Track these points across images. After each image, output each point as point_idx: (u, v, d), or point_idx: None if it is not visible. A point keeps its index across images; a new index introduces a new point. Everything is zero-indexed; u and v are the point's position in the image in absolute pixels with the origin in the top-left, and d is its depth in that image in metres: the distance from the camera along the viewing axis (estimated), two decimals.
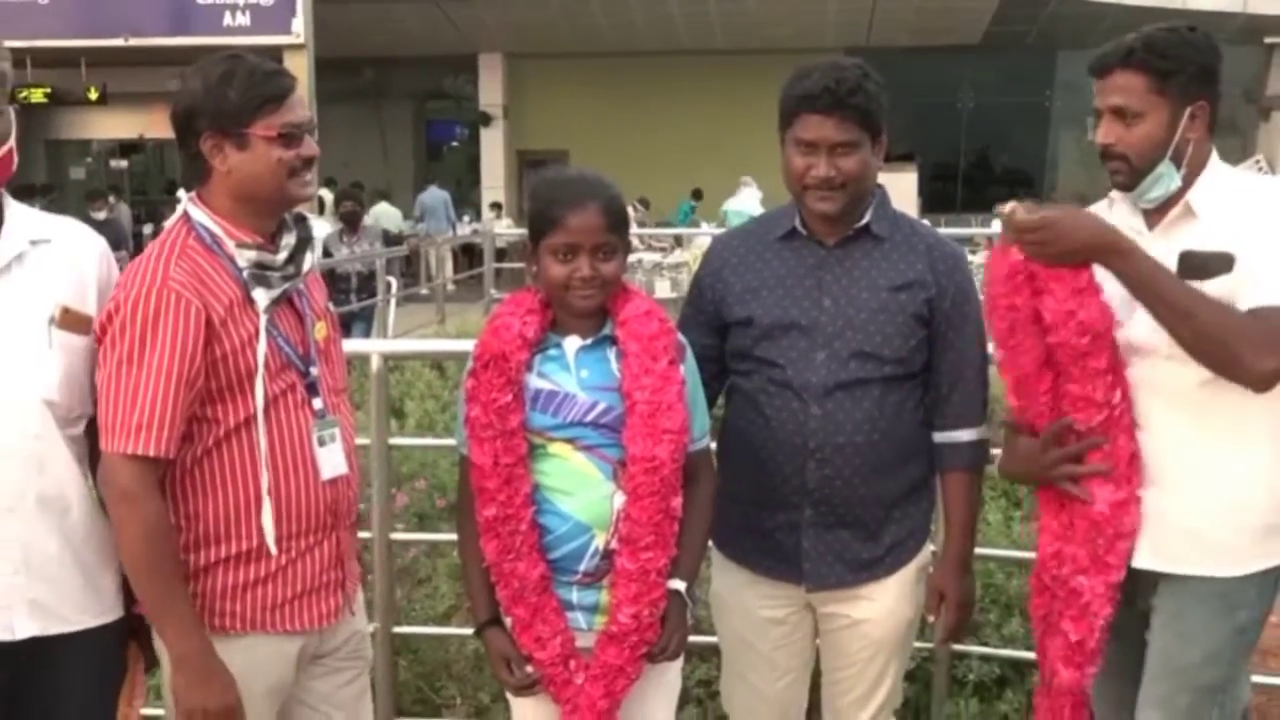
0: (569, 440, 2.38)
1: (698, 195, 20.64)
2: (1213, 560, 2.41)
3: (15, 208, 2.28)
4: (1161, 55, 2.34)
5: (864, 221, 2.63)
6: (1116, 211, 2.48)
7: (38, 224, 2.29)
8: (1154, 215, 2.44)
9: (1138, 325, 2.38)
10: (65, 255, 2.28)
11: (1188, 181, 2.40)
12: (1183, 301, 2.27)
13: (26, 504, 2.16)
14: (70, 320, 2.22)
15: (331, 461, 2.36)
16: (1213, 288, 2.29)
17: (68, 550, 2.23)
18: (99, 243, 2.41)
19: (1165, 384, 2.38)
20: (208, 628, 2.24)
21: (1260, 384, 2.27)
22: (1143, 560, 2.43)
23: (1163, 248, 2.37)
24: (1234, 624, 2.45)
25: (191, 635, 2.20)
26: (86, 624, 2.26)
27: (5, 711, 2.21)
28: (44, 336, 2.19)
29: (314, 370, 2.37)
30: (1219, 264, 2.30)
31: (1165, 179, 2.38)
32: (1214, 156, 2.44)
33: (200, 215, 2.28)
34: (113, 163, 25.49)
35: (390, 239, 12.50)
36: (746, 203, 16.92)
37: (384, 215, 18.25)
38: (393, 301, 12.15)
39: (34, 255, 2.24)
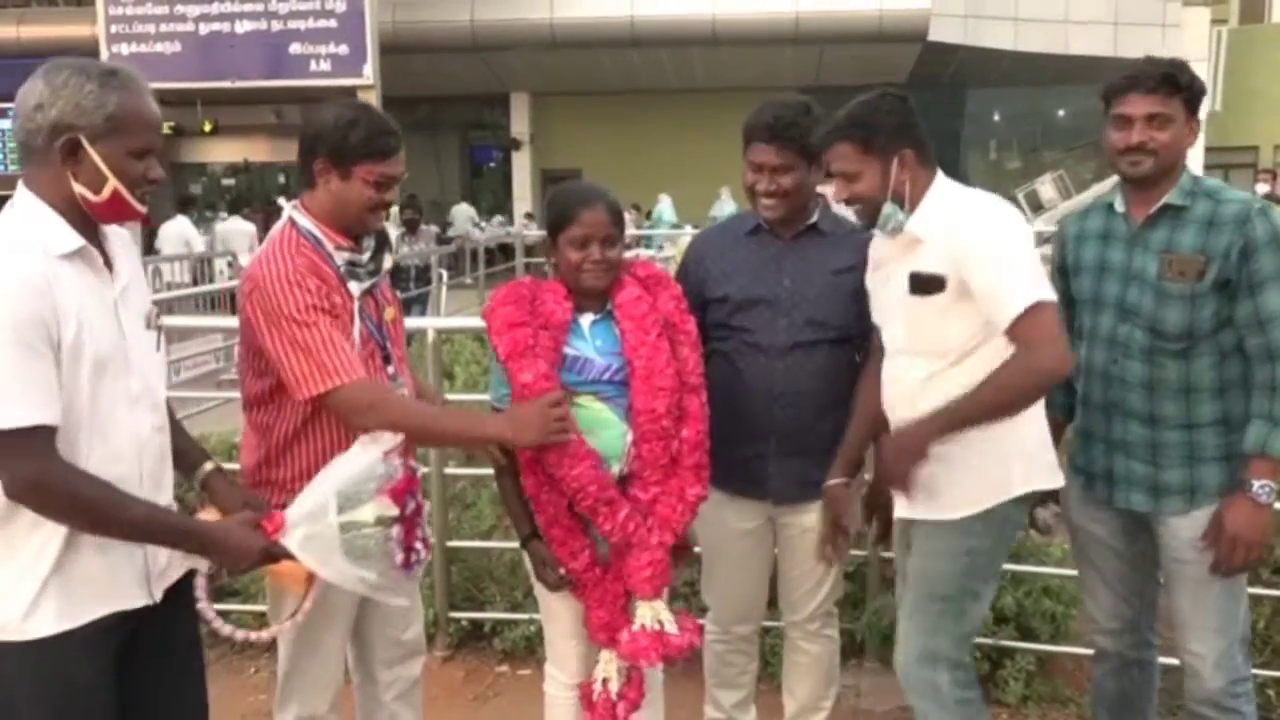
0: (593, 393, 2.38)
1: (648, 214, 20.43)
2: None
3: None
4: (863, 125, 2.29)
5: (812, 220, 2.66)
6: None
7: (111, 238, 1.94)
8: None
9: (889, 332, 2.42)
10: (130, 261, 1.97)
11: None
12: (981, 407, 2.20)
13: (164, 485, 1.99)
14: (156, 318, 2.00)
15: None
16: (933, 302, 2.28)
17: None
18: (129, 236, 2.06)
19: (903, 378, 2.38)
20: None
21: (1063, 366, 2.20)
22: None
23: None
24: None
25: (481, 422, 2.34)
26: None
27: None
28: (153, 341, 1.96)
29: (388, 343, 2.38)
30: (935, 284, 2.28)
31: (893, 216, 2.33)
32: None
33: (304, 220, 2.28)
34: (223, 181, 25.36)
35: (441, 240, 12.48)
36: (727, 208, 17.05)
37: (460, 213, 18.45)
38: (444, 288, 12.11)
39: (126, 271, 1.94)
